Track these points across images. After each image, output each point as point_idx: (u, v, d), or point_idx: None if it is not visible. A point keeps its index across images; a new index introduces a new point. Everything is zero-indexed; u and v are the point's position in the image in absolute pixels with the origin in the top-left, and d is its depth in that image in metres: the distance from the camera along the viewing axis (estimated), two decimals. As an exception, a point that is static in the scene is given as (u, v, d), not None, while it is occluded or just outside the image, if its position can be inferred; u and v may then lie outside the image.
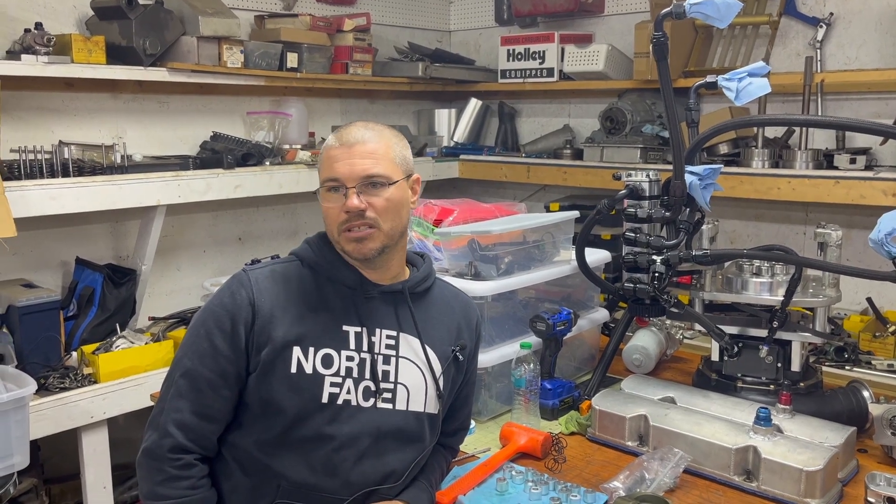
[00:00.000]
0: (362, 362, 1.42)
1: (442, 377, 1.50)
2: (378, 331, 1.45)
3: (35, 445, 2.79)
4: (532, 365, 1.83)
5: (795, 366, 1.86)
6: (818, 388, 1.87)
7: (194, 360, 1.37)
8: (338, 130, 1.47)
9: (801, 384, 1.85)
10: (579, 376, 2.22)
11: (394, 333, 1.47)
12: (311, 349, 1.39)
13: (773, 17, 3.20)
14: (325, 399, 1.38)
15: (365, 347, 1.43)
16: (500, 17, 4.07)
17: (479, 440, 1.84)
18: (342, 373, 1.40)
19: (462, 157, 3.86)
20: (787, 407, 1.69)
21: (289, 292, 1.42)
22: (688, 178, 1.77)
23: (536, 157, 3.69)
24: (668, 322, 2.28)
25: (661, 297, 1.82)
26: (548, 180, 3.63)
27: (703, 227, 1.94)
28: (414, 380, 1.47)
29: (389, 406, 1.44)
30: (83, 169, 2.69)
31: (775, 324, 1.81)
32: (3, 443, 2.07)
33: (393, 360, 1.45)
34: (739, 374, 1.90)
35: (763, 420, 1.60)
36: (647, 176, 1.89)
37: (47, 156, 2.63)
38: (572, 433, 1.85)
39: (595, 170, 3.39)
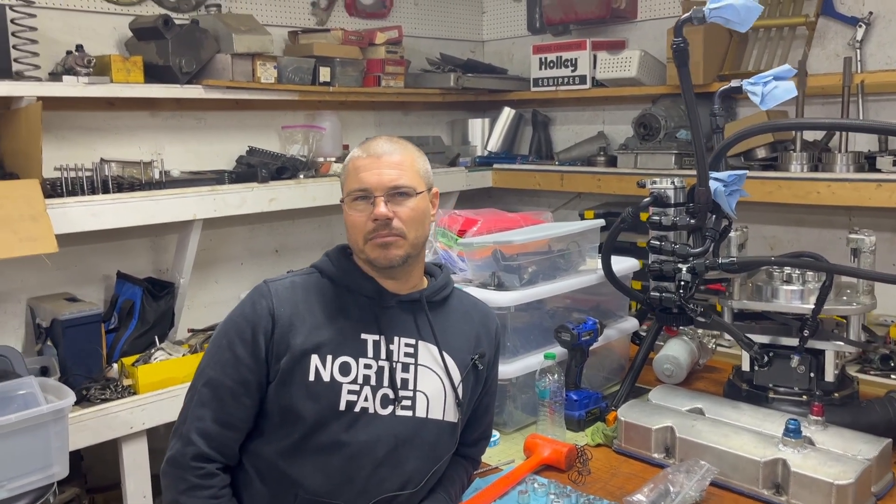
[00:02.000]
0: (380, 370, 1.43)
1: (461, 385, 1.50)
2: (397, 339, 1.46)
3: (78, 455, 2.87)
4: (556, 376, 1.82)
5: (829, 376, 1.81)
6: (854, 399, 1.82)
7: (216, 370, 1.40)
8: (363, 143, 1.50)
9: (836, 395, 1.79)
10: (608, 387, 2.20)
11: (412, 342, 1.48)
12: (329, 357, 1.40)
13: (810, 17, 3.12)
14: (342, 406, 1.39)
15: (383, 355, 1.44)
16: (532, 25, 4.07)
17: (504, 452, 1.83)
18: (360, 380, 1.41)
19: (495, 166, 3.86)
20: (820, 418, 1.64)
21: (308, 302, 1.44)
22: (712, 184, 1.74)
23: (570, 164, 3.66)
24: (699, 331, 2.23)
25: (688, 305, 1.78)
26: (581, 188, 3.60)
27: (731, 234, 1.90)
28: (433, 387, 1.47)
29: (409, 413, 1.44)
30: (122, 185, 2.77)
31: (806, 332, 1.76)
32: (43, 453, 2.13)
33: (412, 367, 1.46)
34: (771, 385, 1.86)
35: (793, 432, 1.55)
36: (673, 183, 1.87)
37: (88, 173, 2.71)
38: (598, 445, 1.83)
39: (629, 176, 3.35)
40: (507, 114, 4.03)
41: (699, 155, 1.72)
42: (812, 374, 1.81)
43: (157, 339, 2.92)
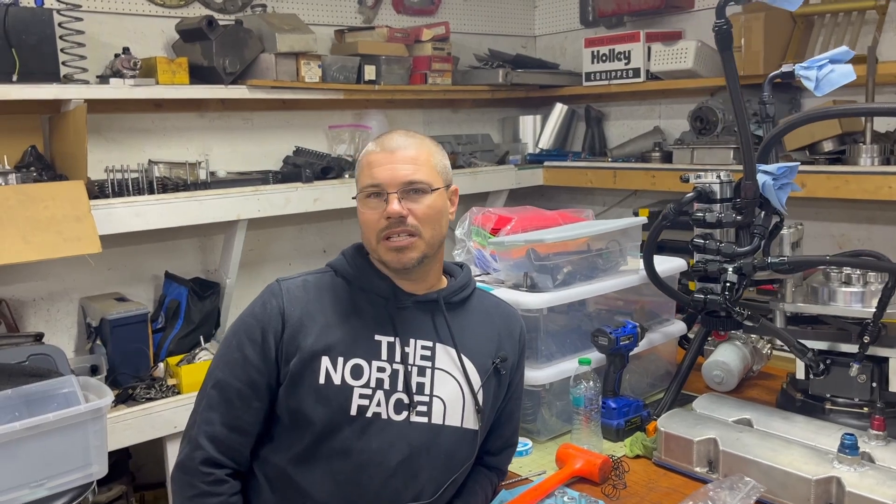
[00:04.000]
0: (395, 374, 1.37)
1: (481, 391, 1.42)
2: (412, 341, 1.39)
3: (126, 454, 2.91)
4: (592, 382, 1.72)
5: (893, 386, 1.65)
6: (922, 412, 1.65)
7: (225, 371, 1.36)
8: (378, 137, 1.44)
9: (901, 407, 1.64)
10: (653, 394, 2.08)
11: (429, 344, 1.40)
12: (340, 359, 1.34)
13: (881, 0, 2.92)
14: (353, 411, 1.33)
15: (398, 358, 1.37)
16: (584, 18, 3.95)
17: (536, 462, 1.74)
18: (372, 384, 1.35)
19: (546, 163, 3.75)
20: (881, 433, 1.50)
21: (320, 302, 1.39)
22: (761, 178, 1.61)
23: (623, 160, 3.53)
24: (753, 335, 2.09)
25: (734, 308, 1.66)
26: (635, 185, 3.47)
27: (784, 231, 1.76)
28: (451, 393, 1.40)
29: (424, 420, 1.37)
30: (167, 186, 2.79)
31: (866, 339, 1.61)
32: (81, 452, 2.14)
33: (428, 371, 1.39)
34: (829, 395, 1.71)
35: (849, 448, 1.42)
36: (719, 177, 1.74)
37: (134, 174, 2.74)
38: (637, 456, 1.72)
39: (685, 173, 3.20)
40: (559, 110, 3.93)
41: (745, 146, 1.60)
42: (874, 384, 1.65)
43: (202, 339, 2.93)
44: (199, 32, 2.88)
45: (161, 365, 2.83)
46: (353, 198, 1.43)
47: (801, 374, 1.76)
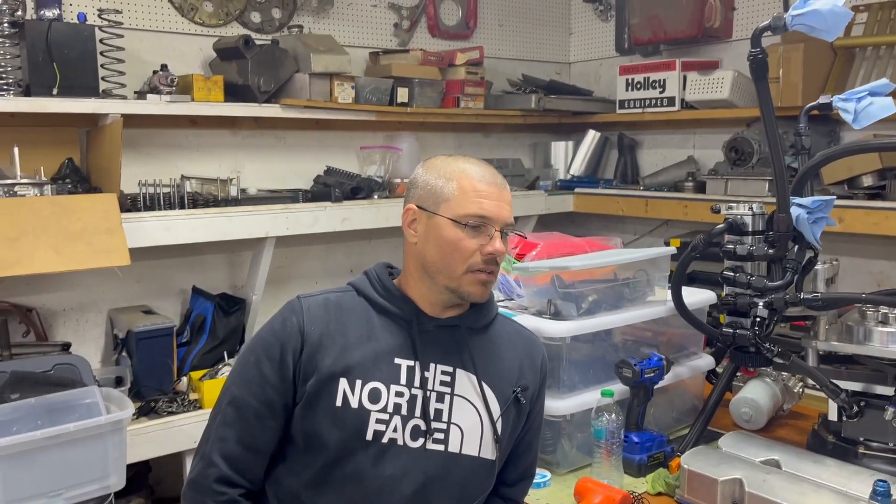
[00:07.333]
0: (413, 399, 1.34)
1: (500, 420, 1.39)
2: (432, 366, 1.37)
3: (146, 466, 2.92)
4: (614, 415, 1.68)
5: (931, 432, 1.59)
6: (961, 460, 1.58)
7: (242, 388, 1.35)
8: (471, 164, 1.40)
9: (938, 454, 1.57)
10: (679, 429, 2.02)
11: (450, 369, 1.38)
12: (359, 382, 1.32)
13: (925, 34, 2.86)
14: (369, 436, 1.31)
15: (417, 383, 1.35)
16: (620, 46, 3.93)
17: (554, 495, 1.70)
18: (390, 409, 1.32)
19: (576, 190, 3.72)
20: (916, 481, 1.43)
21: (340, 322, 1.37)
22: (794, 211, 1.57)
23: (656, 189, 3.49)
24: (784, 373, 2.03)
25: (763, 345, 1.61)
26: (667, 214, 3.42)
27: (818, 266, 1.71)
28: (469, 421, 1.37)
29: (441, 448, 1.34)
30: (198, 201, 2.81)
31: (902, 381, 1.55)
32: (100, 464, 2.15)
33: (447, 397, 1.37)
34: (862, 439, 1.65)
35: (881, 495, 1.36)
36: (751, 209, 1.70)
37: (166, 189, 2.77)
38: (659, 493, 1.67)
39: (716, 203, 3.15)
40: (591, 137, 3.90)
41: (779, 178, 1.56)
42: (910, 429, 1.59)
43: (225, 355, 2.93)
44: (235, 51, 2.92)
45: (184, 379, 2.84)
46: (446, 217, 1.35)
47: (833, 416, 1.70)
